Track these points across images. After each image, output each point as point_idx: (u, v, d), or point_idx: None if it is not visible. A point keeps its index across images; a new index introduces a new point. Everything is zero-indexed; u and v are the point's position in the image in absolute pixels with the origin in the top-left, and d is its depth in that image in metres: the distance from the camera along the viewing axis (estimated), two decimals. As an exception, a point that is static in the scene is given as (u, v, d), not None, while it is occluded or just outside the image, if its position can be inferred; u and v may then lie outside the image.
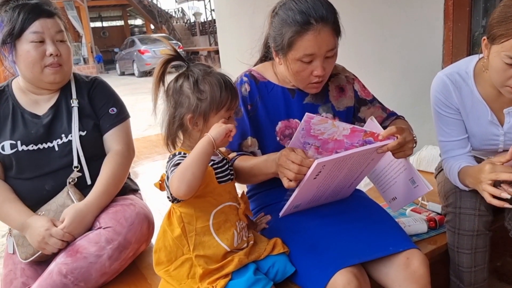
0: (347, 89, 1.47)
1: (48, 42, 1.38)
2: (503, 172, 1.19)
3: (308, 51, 1.22)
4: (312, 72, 1.27)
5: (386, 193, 1.42)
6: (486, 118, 1.39)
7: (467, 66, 1.40)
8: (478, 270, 1.40)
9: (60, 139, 1.44)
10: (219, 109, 1.09)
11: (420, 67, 2.57)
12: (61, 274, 1.25)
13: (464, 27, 2.34)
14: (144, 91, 9.31)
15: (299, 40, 1.21)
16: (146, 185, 2.13)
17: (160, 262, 1.15)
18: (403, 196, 1.36)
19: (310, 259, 1.18)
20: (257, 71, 1.44)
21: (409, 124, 1.52)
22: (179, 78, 1.11)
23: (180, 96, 1.10)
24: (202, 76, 1.09)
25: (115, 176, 1.45)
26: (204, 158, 1.02)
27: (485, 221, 1.38)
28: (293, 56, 1.24)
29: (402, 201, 1.37)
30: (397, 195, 1.38)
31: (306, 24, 1.19)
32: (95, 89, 1.53)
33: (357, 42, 2.93)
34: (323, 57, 1.24)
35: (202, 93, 1.08)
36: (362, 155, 1.17)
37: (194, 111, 1.08)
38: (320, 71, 1.25)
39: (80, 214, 1.33)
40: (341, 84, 1.47)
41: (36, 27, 1.36)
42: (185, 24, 21.25)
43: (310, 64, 1.25)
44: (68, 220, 1.31)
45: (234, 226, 1.15)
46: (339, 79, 1.48)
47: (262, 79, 1.42)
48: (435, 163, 2.07)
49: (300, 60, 1.24)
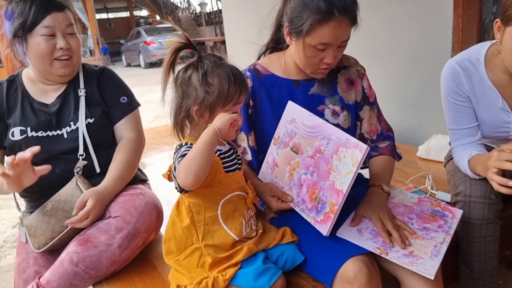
0: (357, 83, 1.45)
1: (58, 36, 1.39)
2: (507, 161, 1.17)
3: (325, 40, 1.22)
4: (322, 59, 1.28)
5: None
6: (497, 105, 1.38)
7: (478, 53, 1.38)
8: (487, 259, 1.39)
9: (69, 126, 1.45)
10: (226, 103, 1.09)
11: (429, 55, 2.54)
12: (72, 263, 1.27)
13: (474, 14, 2.31)
14: (151, 82, 9.30)
15: (319, 28, 1.20)
16: (155, 176, 2.14)
17: (170, 252, 1.16)
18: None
19: (319, 248, 1.18)
20: (262, 64, 1.44)
21: (393, 159, 1.47)
22: (189, 68, 1.10)
23: (188, 87, 1.09)
24: (212, 68, 1.08)
25: (129, 162, 1.46)
26: (210, 148, 1.01)
27: (495, 209, 1.37)
28: (309, 42, 1.24)
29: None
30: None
31: (329, 14, 1.17)
32: (104, 78, 1.54)
33: (366, 30, 2.88)
34: (336, 46, 1.25)
35: (210, 86, 1.07)
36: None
37: (200, 103, 1.08)
38: (331, 59, 1.26)
39: (102, 197, 1.35)
40: (351, 77, 1.45)
41: (48, 21, 1.37)
42: (191, 15, 21.13)
43: (323, 52, 1.26)
44: (92, 202, 1.30)
45: (242, 215, 1.15)
46: (350, 72, 1.45)
47: (266, 73, 1.42)
48: (444, 152, 2.05)
49: (315, 46, 1.24)
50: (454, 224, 1.24)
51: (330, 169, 1.15)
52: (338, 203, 1.11)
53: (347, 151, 1.12)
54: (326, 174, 1.16)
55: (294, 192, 1.24)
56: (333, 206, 1.12)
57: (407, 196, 1.31)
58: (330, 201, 1.13)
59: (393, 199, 1.32)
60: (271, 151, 1.33)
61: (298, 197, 1.23)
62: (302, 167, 1.23)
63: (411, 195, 1.30)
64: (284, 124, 1.30)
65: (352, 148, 1.11)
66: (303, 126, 1.24)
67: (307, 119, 1.24)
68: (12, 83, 1.49)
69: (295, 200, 1.23)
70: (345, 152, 1.12)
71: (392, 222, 1.18)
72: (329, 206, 1.13)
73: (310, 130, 1.22)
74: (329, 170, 1.15)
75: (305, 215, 1.20)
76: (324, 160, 1.17)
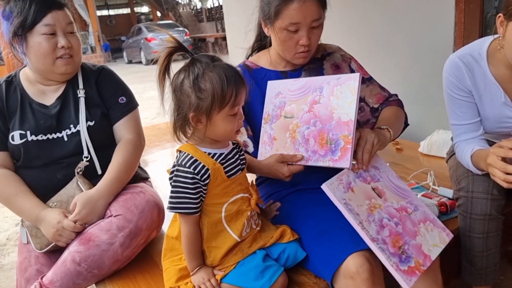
0: (342, 67, 1.48)
1: (59, 34, 1.38)
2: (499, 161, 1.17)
3: (293, 20, 1.27)
4: (298, 42, 1.32)
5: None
6: (500, 100, 1.37)
7: (480, 47, 1.37)
8: (489, 255, 1.39)
9: (69, 129, 1.44)
10: (222, 107, 1.03)
11: (431, 50, 2.52)
12: (75, 262, 1.27)
13: (476, 8, 2.29)
14: (152, 79, 9.10)
15: (285, 8, 1.26)
16: (156, 173, 2.15)
17: (170, 249, 1.18)
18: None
19: (321, 243, 1.18)
20: (251, 60, 1.50)
21: (402, 111, 1.49)
22: (180, 73, 1.05)
23: (182, 94, 1.05)
24: (203, 72, 1.02)
25: (126, 163, 1.46)
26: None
27: (498, 205, 1.36)
28: (280, 25, 1.29)
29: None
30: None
31: None
32: (103, 78, 1.53)
33: (367, 25, 2.88)
34: (308, 26, 1.29)
35: (202, 91, 1.02)
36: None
37: (195, 110, 1.03)
38: (306, 40, 1.30)
39: (91, 200, 1.35)
40: (336, 62, 1.49)
41: (48, 19, 1.36)
42: (192, 11, 21.10)
43: (296, 34, 1.31)
44: (79, 206, 1.33)
45: (245, 216, 1.14)
46: (334, 57, 1.50)
47: (255, 67, 1.47)
48: (446, 148, 2.05)
49: (286, 29, 1.29)
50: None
51: (332, 109, 1.21)
52: (350, 132, 1.16)
53: (342, 87, 1.20)
54: (329, 116, 1.21)
55: (302, 150, 1.24)
56: (346, 137, 1.16)
57: (389, 172, 1.27)
58: (342, 135, 1.17)
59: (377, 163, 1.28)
60: (264, 130, 1.35)
61: (308, 152, 1.23)
62: (302, 124, 1.26)
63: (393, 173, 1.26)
64: (270, 100, 1.35)
65: (346, 82, 1.19)
66: (290, 92, 1.31)
67: (291, 85, 1.31)
68: (10, 84, 1.47)
69: (306, 156, 1.24)
70: (341, 88, 1.20)
71: (370, 147, 1.20)
72: (342, 140, 1.17)
73: (299, 91, 1.29)
74: (331, 112, 1.21)
75: (321, 163, 1.20)
76: (323, 106, 1.23)
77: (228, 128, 1.08)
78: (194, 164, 1.06)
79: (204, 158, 1.07)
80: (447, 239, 1.18)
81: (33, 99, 1.46)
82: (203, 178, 1.06)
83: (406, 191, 1.23)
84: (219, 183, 1.09)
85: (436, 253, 1.14)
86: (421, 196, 1.75)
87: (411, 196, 1.24)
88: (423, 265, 1.10)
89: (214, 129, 1.07)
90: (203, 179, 1.06)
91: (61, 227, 1.32)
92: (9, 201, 1.39)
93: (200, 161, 1.06)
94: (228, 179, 1.11)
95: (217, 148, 1.12)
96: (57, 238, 1.33)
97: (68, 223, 1.31)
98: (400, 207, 1.20)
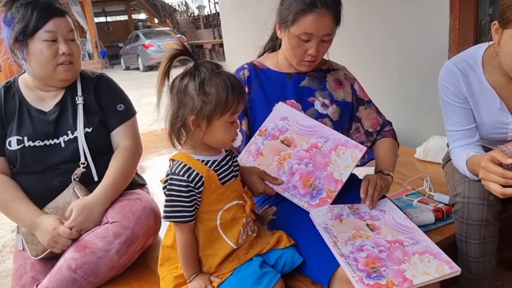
0: (345, 84, 1.54)
1: (60, 41, 1.39)
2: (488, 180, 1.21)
3: (308, 30, 1.33)
4: (306, 51, 1.38)
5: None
6: (495, 106, 1.38)
7: (475, 54, 1.38)
8: (486, 260, 1.39)
9: (67, 135, 1.44)
10: (223, 113, 1.04)
11: (426, 56, 2.54)
12: (71, 269, 1.26)
13: (471, 16, 2.31)
14: (150, 85, 9.32)
15: (302, 18, 1.32)
16: (153, 179, 2.14)
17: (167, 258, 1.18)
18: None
19: (318, 248, 1.18)
20: (258, 60, 1.56)
21: (396, 143, 1.56)
22: (185, 76, 1.06)
23: (185, 97, 1.05)
24: (209, 76, 1.03)
25: (123, 170, 1.45)
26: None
27: (494, 210, 1.36)
28: (294, 31, 1.35)
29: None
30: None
31: (312, 6, 1.31)
32: (101, 85, 1.54)
33: (364, 32, 2.90)
34: (319, 39, 1.35)
35: (207, 95, 1.03)
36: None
37: (197, 113, 1.03)
38: (314, 51, 1.36)
39: (88, 206, 1.34)
40: (339, 78, 1.55)
41: (50, 26, 1.36)
42: (189, 18, 21.16)
43: (306, 43, 1.36)
44: (75, 213, 1.32)
45: (241, 223, 1.14)
46: (338, 74, 1.56)
47: (261, 67, 1.53)
48: (442, 154, 2.05)
49: (299, 36, 1.35)
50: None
51: (328, 162, 1.30)
52: (336, 190, 1.27)
53: (346, 149, 1.30)
54: (323, 166, 1.31)
55: (284, 179, 1.31)
56: (330, 192, 1.28)
57: (396, 210, 1.30)
58: (327, 188, 1.28)
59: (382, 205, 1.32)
60: (255, 140, 1.38)
61: (288, 184, 1.31)
62: (294, 158, 1.33)
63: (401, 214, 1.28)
64: (273, 120, 1.39)
65: (351, 148, 1.30)
66: (297, 124, 1.37)
67: (302, 119, 1.37)
68: (9, 90, 1.47)
69: (285, 186, 1.30)
70: (344, 150, 1.31)
71: (373, 191, 1.29)
72: (326, 192, 1.28)
73: (306, 129, 1.36)
74: (326, 163, 1.30)
75: (296, 199, 1.29)
76: (321, 154, 1.32)
77: (226, 135, 1.08)
78: (188, 172, 1.06)
79: (197, 166, 1.07)
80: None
81: (31, 105, 1.46)
82: (197, 186, 1.06)
83: (411, 229, 1.22)
84: (213, 190, 1.09)
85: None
86: (417, 202, 1.76)
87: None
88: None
89: (212, 135, 1.07)
90: (197, 187, 1.06)
91: (56, 234, 1.31)
92: (5, 207, 1.39)
93: (193, 168, 1.06)
94: (222, 186, 1.11)
95: (211, 155, 1.12)
96: (53, 244, 1.33)
97: (64, 230, 1.31)
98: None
